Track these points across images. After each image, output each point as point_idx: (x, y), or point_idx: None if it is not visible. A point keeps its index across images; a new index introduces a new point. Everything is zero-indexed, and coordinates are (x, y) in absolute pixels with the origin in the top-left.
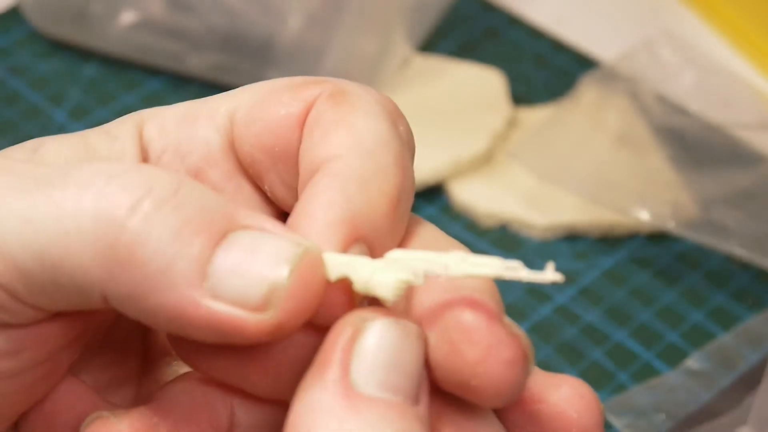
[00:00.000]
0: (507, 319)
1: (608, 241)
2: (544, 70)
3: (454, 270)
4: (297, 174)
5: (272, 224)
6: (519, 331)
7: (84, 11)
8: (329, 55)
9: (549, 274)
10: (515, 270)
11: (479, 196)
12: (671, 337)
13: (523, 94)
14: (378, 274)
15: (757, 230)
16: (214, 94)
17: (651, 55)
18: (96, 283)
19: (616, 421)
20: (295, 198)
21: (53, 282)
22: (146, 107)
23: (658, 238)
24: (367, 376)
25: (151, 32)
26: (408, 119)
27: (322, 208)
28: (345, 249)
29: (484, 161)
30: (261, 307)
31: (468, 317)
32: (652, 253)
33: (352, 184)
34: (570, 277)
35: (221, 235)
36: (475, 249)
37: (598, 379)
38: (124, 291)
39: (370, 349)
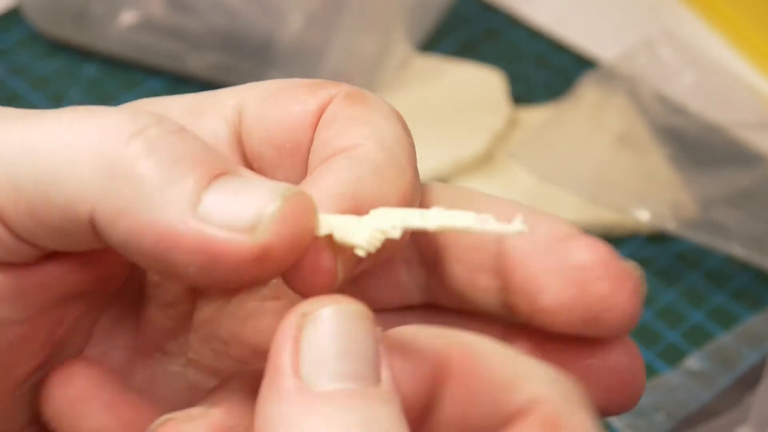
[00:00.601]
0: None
1: (608, 241)
2: (543, 70)
3: (430, 222)
4: (304, 172)
5: (269, 179)
6: (629, 262)
7: (84, 11)
8: (329, 55)
9: (516, 225)
10: (485, 222)
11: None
12: (671, 337)
13: (523, 94)
14: (356, 226)
15: (757, 230)
16: None
17: (651, 55)
18: (88, 200)
19: (616, 421)
20: None
21: (46, 201)
22: None
23: (658, 238)
24: (318, 371)
25: (151, 32)
26: (408, 119)
27: (330, 180)
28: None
29: (484, 161)
30: (249, 229)
31: (590, 256)
32: (652, 253)
33: (366, 169)
34: None
35: (218, 172)
36: None
37: None
38: (116, 206)
39: (314, 342)
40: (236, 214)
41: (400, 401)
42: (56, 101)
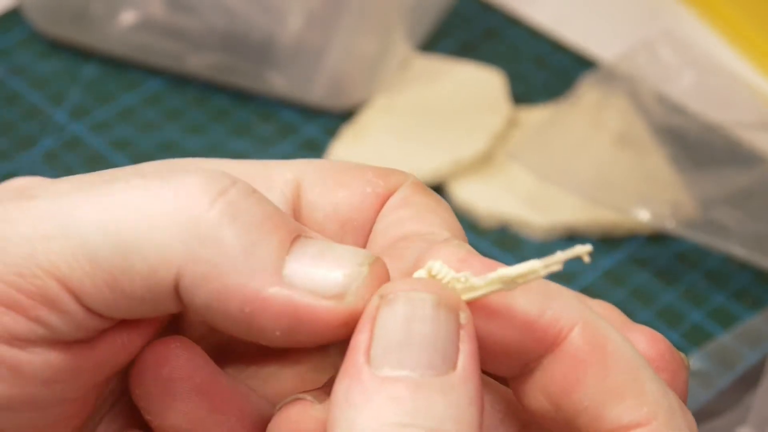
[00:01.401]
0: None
1: (608, 241)
2: (543, 70)
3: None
4: (361, 246)
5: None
6: (680, 353)
7: (84, 11)
8: (329, 55)
9: (579, 249)
10: (553, 258)
11: (479, 196)
12: (671, 337)
13: (522, 94)
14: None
15: (757, 230)
16: (215, 94)
17: (651, 55)
18: (173, 262)
19: None
20: None
21: (126, 271)
22: (146, 107)
23: (658, 238)
24: (383, 355)
25: (151, 32)
26: (408, 119)
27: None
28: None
29: (484, 161)
30: (338, 295)
31: (651, 347)
32: (651, 253)
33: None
34: (570, 277)
35: (296, 235)
36: (475, 249)
37: None
38: (201, 270)
39: (386, 326)
40: (323, 280)
41: (476, 391)
42: (56, 101)
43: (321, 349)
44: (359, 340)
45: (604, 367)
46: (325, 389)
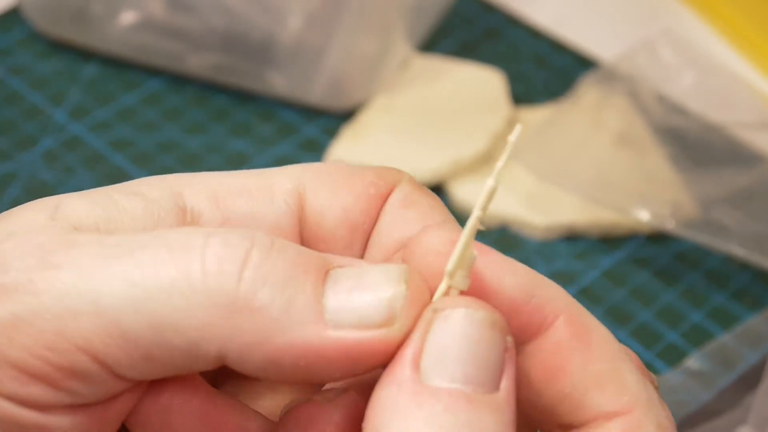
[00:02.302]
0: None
1: (608, 241)
2: (543, 70)
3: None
4: (364, 248)
5: (364, 261)
6: (651, 374)
7: (84, 11)
8: (329, 55)
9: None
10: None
11: (479, 196)
12: (671, 337)
13: (522, 94)
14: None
15: (757, 230)
16: (215, 94)
17: (651, 55)
18: (215, 340)
19: None
20: None
21: (163, 345)
22: (146, 107)
23: (658, 238)
24: (436, 367)
25: (151, 32)
26: (408, 119)
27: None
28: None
29: (484, 161)
30: (386, 322)
31: None
32: (651, 253)
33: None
34: (570, 277)
35: (325, 272)
36: None
37: None
38: (247, 340)
39: (439, 339)
40: (368, 311)
41: (513, 414)
42: (56, 101)
43: None
44: (407, 351)
45: (588, 356)
46: (326, 394)
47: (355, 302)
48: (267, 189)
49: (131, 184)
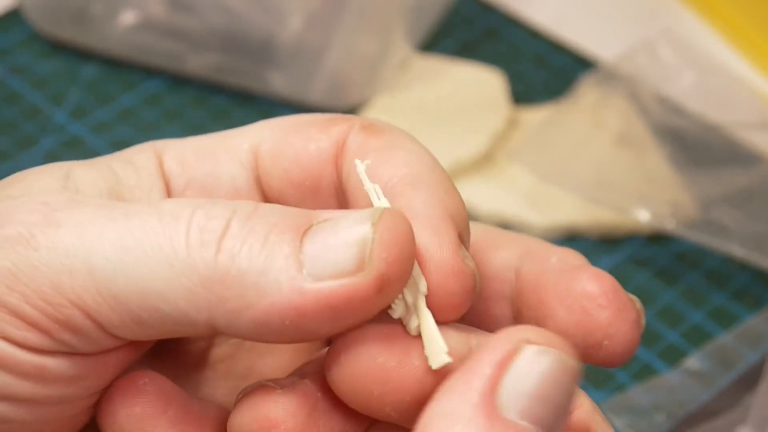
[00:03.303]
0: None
1: (608, 241)
2: (543, 70)
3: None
4: (331, 205)
5: (351, 210)
6: (631, 295)
7: (84, 11)
8: (329, 55)
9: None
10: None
11: (479, 196)
12: (671, 337)
13: (522, 94)
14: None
15: (757, 230)
16: (214, 94)
17: (650, 55)
18: (202, 310)
19: (616, 421)
20: None
21: (153, 311)
22: (146, 107)
23: (658, 238)
24: (513, 399)
25: (151, 32)
26: (408, 119)
27: (424, 208)
28: (458, 240)
29: (484, 161)
30: (359, 267)
31: (594, 285)
32: (651, 253)
33: (438, 190)
34: None
35: (306, 227)
36: None
37: (598, 380)
38: (231, 308)
39: (523, 373)
40: (339, 260)
41: None
42: (56, 101)
43: None
44: (481, 371)
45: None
46: (290, 378)
47: (329, 251)
48: (227, 150)
49: (126, 153)
